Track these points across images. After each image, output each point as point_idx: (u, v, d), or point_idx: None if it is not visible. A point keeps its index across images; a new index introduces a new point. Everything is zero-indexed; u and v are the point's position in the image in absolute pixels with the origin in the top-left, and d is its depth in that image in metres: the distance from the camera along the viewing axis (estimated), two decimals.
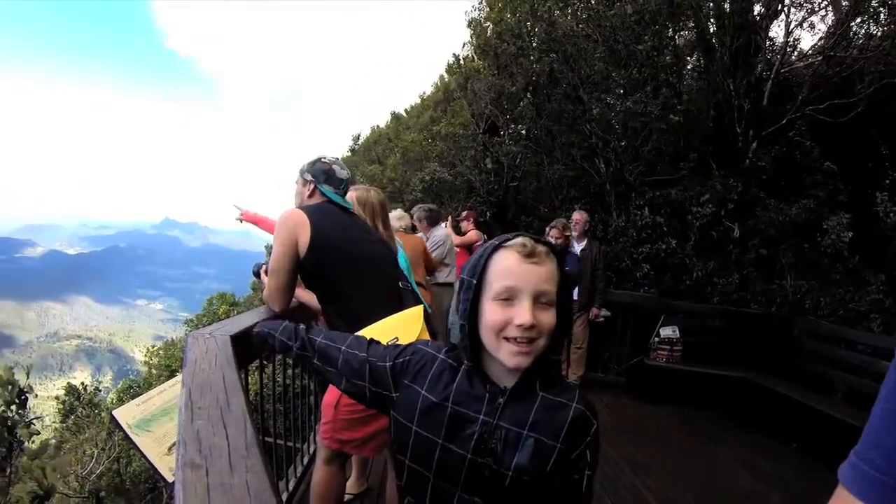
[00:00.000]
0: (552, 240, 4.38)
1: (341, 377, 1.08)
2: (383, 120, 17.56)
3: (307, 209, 1.89)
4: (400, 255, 2.39)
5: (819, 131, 5.56)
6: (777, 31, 5.99)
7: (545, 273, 0.87)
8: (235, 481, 0.86)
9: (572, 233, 4.86)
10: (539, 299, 0.86)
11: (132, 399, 2.48)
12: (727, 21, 5.82)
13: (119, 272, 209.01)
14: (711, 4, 6.10)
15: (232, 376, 1.34)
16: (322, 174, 2.03)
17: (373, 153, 15.03)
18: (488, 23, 8.16)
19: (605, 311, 5.01)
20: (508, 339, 0.86)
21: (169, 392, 2.32)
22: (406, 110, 16.37)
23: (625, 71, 6.26)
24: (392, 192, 10.42)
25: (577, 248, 4.93)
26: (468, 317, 0.89)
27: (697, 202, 5.84)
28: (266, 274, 1.99)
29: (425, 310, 1.72)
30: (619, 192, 6.52)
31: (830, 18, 5.63)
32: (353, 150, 16.97)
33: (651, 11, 6.09)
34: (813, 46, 5.93)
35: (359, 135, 17.33)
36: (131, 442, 2.12)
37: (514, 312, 0.85)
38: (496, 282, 0.87)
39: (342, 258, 1.87)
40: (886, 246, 4.91)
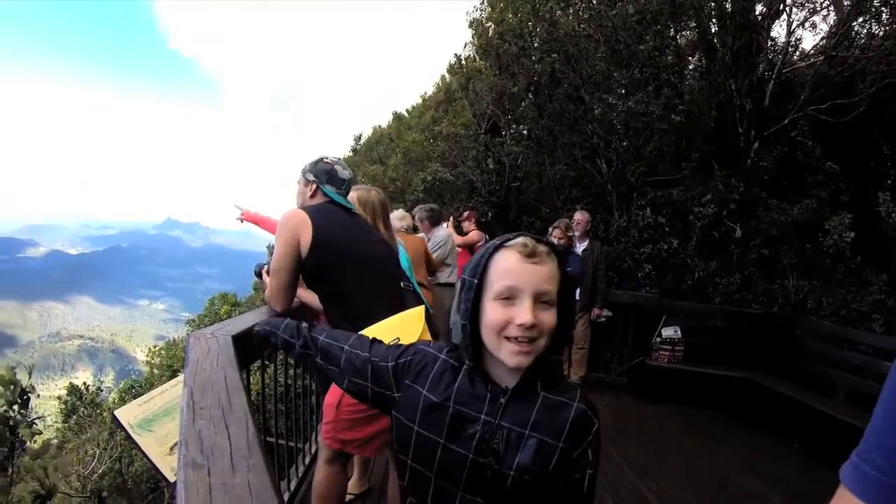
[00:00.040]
0: (555, 240, 4.38)
1: (344, 376, 1.08)
2: (385, 120, 17.56)
3: (309, 209, 1.89)
4: (401, 255, 2.39)
5: (821, 131, 5.55)
6: (779, 30, 6.01)
7: (546, 273, 0.87)
8: (237, 481, 0.86)
9: (574, 233, 4.87)
10: (540, 299, 0.86)
11: (134, 399, 2.49)
12: (729, 21, 5.81)
13: (121, 272, 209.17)
14: (713, 4, 6.09)
15: (233, 376, 1.34)
16: (324, 174, 2.03)
17: (374, 153, 15.01)
18: (490, 23, 8.16)
19: (607, 312, 5.02)
20: (509, 339, 0.86)
21: (171, 392, 2.32)
22: (408, 110, 16.36)
23: (626, 71, 6.26)
24: (394, 192, 10.41)
25: (579, 248, 4.93)
26: (469, 317, 0.90)
27: (699, 202, 5.83)
28: (268, 274, 1.99)
29: (427, 310, 1.72)
30: (621, 192, 6.52)
31: (832, 18, 5.62)
32: (354, 149, 16.95)
33: (653, 11, 6.08)
34: (815, 46, 5.92)
35: (360, 135, 17.33)
36: (133, 442, 2.13)
37: (515, 312, 0.85)
38: (497, 281, 0.87)
39: (344, 258, 1.86)
40: (889, 246, 4.90)
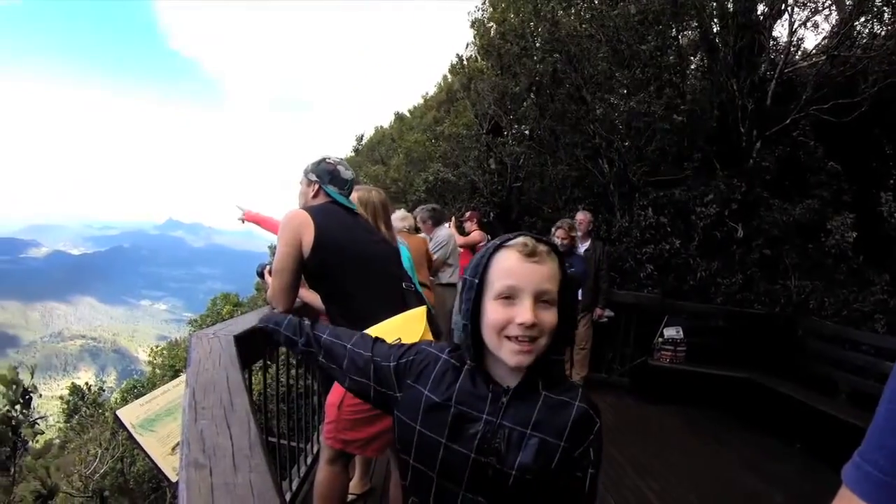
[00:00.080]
0: (558, 240, 4.38)
1: (346, 375, 1.08)
2: (386, 120, 17.55)
3: (311, 209, 1.89)
4: (403, 255, 2.39)
5: (823, 131, 5.54)
6: (781, 30, 6.01)
7: (546, 272, 0.87)
8: (239, 481, 0.86)
9: (577, 233, 4.86)
10: (540, 298, 0.86)
11: (136, 399, 2.50)
12: (731, 21, 5.81)
13: (123, 272, 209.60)
14: (715, 4, 6.08)
15: (235, 376, 1.34)
16: (326, 174, 2.02)
17: (376, 153, 15.00)
18: (491, 23, 8.16)
19: (609, 312, 5.01)
20: (510, 338, 0.86)
21: (173, 392, 2.33)
22: (409, 110, 16.36)
23: (628, 71, 6.25)
24: (395, 192, 10.41)
25: (581, 248, 4.93)
26: (471, 316, 0.90)
27: (701, 202, 5.83)
28: (270, 274, 1.99)
29: (428, 310, 1.72)
30: (623, 192, 6.51)
31: (834, 18, 5.62)
32: (356, 150, 16.95)
33: (654, 11, 6.07)
34: (816, 46, 5.92)
35: (362, 135, 17.33)
36: (135, 442, 2.13)
37: (516, 311, 0.85)
38: (497, 281, 0.87)
39: (346, 258, 1.86)
40: (891, 246, 4.88)
